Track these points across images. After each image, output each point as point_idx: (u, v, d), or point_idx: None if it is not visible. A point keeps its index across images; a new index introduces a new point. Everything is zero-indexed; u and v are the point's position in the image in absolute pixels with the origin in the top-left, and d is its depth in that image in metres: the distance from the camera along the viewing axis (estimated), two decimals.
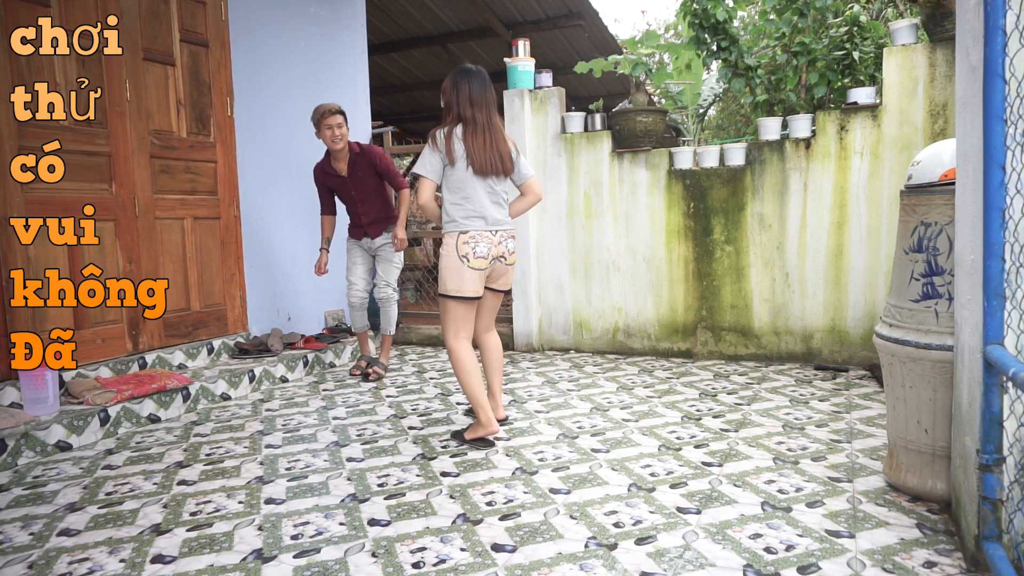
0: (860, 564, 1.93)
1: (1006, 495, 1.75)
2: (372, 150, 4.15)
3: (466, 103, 2.97)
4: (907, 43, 4.00)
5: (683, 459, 2.78)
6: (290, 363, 4.41)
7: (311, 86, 5.19)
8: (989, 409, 1.72)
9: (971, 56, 1.84)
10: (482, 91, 2.99)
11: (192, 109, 4.31)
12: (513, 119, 5.06)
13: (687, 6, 4.86)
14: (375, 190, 4.19)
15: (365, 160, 4.13)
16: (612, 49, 8.35)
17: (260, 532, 2.22)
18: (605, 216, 4.89)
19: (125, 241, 3.89)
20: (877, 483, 2.49)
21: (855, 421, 3.21)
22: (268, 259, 4.86)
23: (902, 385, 2.35)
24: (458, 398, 3.82)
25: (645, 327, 4.83)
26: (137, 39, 3.96)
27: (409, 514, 2.33)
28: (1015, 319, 1.71)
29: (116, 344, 3.85)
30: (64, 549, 2.14)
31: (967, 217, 1.90)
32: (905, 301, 2.36)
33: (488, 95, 3.01)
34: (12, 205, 3.33)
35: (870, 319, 4.21)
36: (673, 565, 1.95)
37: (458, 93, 2.98)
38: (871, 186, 4.14)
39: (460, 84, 2.98)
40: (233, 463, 2.88)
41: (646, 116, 4.69)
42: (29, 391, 3.12)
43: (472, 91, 2.97)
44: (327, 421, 3.46)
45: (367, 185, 4.17)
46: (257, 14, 4.76)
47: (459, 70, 3.02)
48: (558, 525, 2.22)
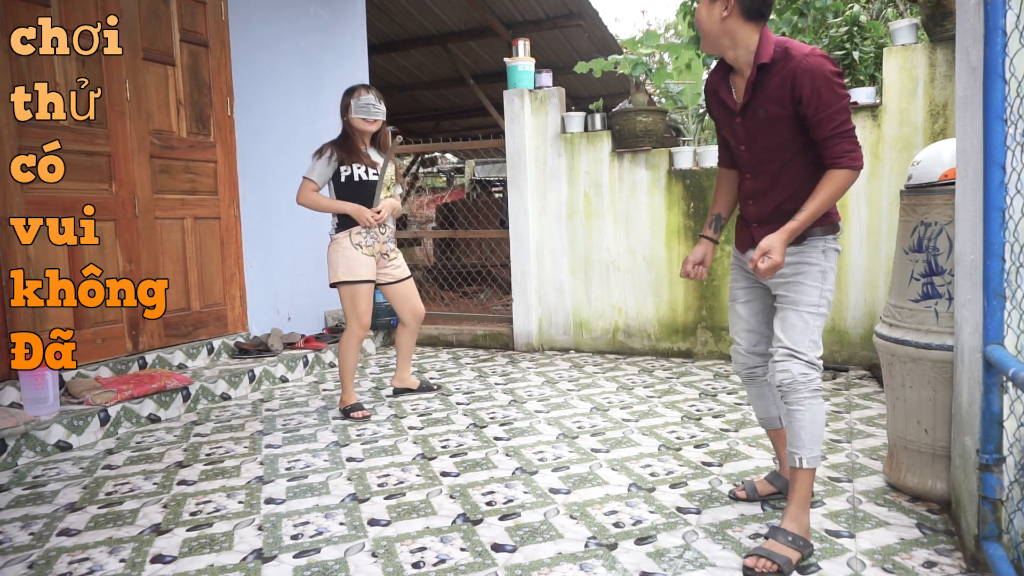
0: (860, 564, 1.93)
1: (1006, 495, 1.75)
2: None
3: None
4: (907, 43, 4.00)
5: (683, 459, 2.78)
6: (290, 363, 4.41)
7: (311, 86, 5.19)
8: (989, 409, 1.72)
9: (971, 56, 1.84)
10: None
11: (192, 109, 4.31)
12: (513, 119, 5.06)
13: (687, 6, 4.87)
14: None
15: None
16: (612, 49, 8.35)
17: (260, 532, 2.22)
18: (605, 216, 4.89)
19: (125, 241, 3.89)
20: (877, 483, 2.49)
21: (855, 421, 3.21)
22: (268, 259, 4.86)
23: (902, 385, 2.35)
24: (458, 398, 3.82)
25: (645, 327, 4.83)
26: (137, 39, 3.96)
27: (409, 514, 2.33)
28: (1015, 319, 1.71)
29: (116, 344, 3.85)
30: (64, 549, 2.14)
31: (967, 217, 1.90)
32: (905, 301, 2.36)
33: None
34: (12, 205, 3.33)
35: (870, 319, 4.21)
36: (673, 565, 1.95)
37: None
38: (871, 186, 4.14)
39: None
40: (233, 463, 2.88)
41: (646, 116, 4.69)
42: (29, 391, 3.12)
43: None
44: (327, 421, 3.46)
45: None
46: (257, 14, 4.76)
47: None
48: (558, 525, 2.22)
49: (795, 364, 1.99)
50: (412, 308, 3.69)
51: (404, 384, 3.89)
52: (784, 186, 2.02)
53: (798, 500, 2.02)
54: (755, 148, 2.05)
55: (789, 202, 2.00)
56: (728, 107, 2.09)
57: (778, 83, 1.93)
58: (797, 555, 1.92)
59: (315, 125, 5.18)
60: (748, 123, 2.03)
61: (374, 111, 3.43)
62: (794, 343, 1.99)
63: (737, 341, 2.26)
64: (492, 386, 4.07)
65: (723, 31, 1.97)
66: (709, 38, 2.02)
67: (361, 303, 3.43)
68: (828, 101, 1.88)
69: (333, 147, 3.44)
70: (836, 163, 1.92)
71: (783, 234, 1.94)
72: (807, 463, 2.00)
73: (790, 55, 1.92)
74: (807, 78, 1.88)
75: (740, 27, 1.95)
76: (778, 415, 2.28)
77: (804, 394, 1.99)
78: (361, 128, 3.45)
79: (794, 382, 1.98)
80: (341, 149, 3.43)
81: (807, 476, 2.02)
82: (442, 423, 3.36)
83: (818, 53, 1.91)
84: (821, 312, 2.02)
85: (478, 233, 6.05)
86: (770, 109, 1.96)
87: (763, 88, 1.96)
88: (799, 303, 2.01)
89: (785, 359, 2.00)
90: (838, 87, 1.90)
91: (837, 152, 1.91)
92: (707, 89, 2.18)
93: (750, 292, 2.22)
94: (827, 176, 1.93)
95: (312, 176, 3.42)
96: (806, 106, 1.90)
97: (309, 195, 3.44)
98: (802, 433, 2.00)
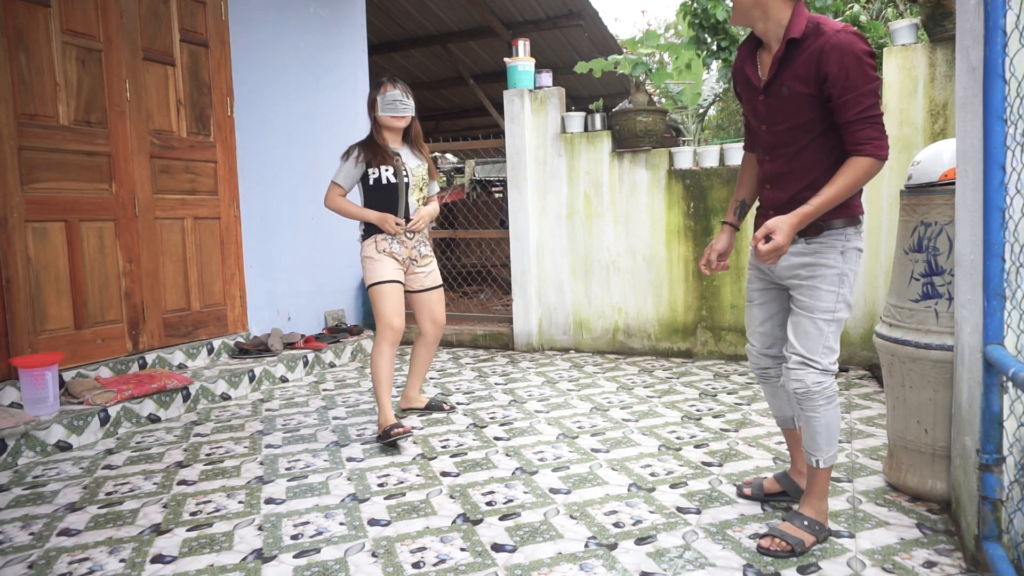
0: (860, 564, 1.93)
1: (1006, 495, 1.75)
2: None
3: None
4: (907, 43, 4.00)
5: (683, 459, 2.78)
6: (290, 363, 4.41)
7: (311, 86, 5.19)
8: (989, 409, 1.72)
9: (971, 56, 1.84)
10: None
11: (192, 109, 4.31)
12: (513, 119, 5.06)
13: (687, 6, 4.86)
14: None
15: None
16: (612, 49, 8.35)
17: (260, 532, 2.22)
18: (605, 216, 4.89)
19: (125, 241, 3.89)
20: (877, 483, 2.49)
21: (855, 421, 3.21)
22: (268, 259, 4.86)
23: (902, 385, 2.35)
24: (458, 398, 3.82)
25: (645, 327, 4.83)
26: (137, 39, 3.96)
27: (409, 514, 2.33)
28: (1015, 319, 1.71)
29: (116, 344, 3.85)
30: (64, 549, 2.14)
31: (967, 217, 1.90)
32: (905, 301, 2.36)
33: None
34: (12, 205, 3.33)
35: (870, 319, 4.21)
36: (673, 565, 1.95)
37: None
38: (871, 186, 4.13)
39: None
40: (233, 463, 2.88)
41: (646, 116, 4.69)
42: (29, 391, 3.12)
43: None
44: (327, 421, 3.46)
45: None
46: (257, 14, 4.76)
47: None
48: (558, 525, 2.22)
49: (809, 374, 1.94)
50: (433, 317, 3.41)
51: (411, 404, 3.57)
52: (801, 171, 1.92)
53: (817, 492, 2.05)
54: (775, 128, 1.95)
55: (808, 191, 1.89)
56: (752, 83, 1.99)
57: (805, 60, 1.82)
58: (812, 539, 1.94)
59: (315, 125, 5.18)
60: (771, 101, 1.93)
61: (402, 107, 3.22)
62: (808, 351, 1.94)
63: (751, 341, 2.22)
64: (492, 386, 4.07)
65: (756, 2, 1.88)
66: (740, 8, 1.92)
67: (387, 303, 3.15)
68: (856, 82, 1.76)
69: (360, 147, 3.24)
70: (859, 150, 1.80)
71: (793, 217, 1.83)
72: (824, 463, 2.03)
73: (821, 31, 1.81)
74: (835, 55, 1.77)
75: (775, 0, 1.87)
76: (792, 415, 2.25)
77: (819, 402, 1.97)
78: (389, 125, 3.23)
79: (808, 391, 1.95)
80: (367, 149, 3.22)
81: (825, 473, 2.05)
82: (442, 423, 3.36)
83: (851, 30, 1.79)
84: (838, 317, 1.94)
85: (478, 233, 6.05)
86: (794, 87, 1.86)
87: (790, 65, 1.86)
88: (814, 309, 1.93)
89: (799, 367, 1.95)
90: (869, 68, 1.77)
91: (861, 138, 1.79)
92: (734, 65, 2.09)
93: (766, 294, 2.14)
94: (848, 163, 1.81)
95: (339, 180, 3.22)
96: (831, 85, 1.78)
97: (335, 200, 3.24)
98: (818, 438, 2.01)
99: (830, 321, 1.93)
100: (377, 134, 3.26)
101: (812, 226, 1.91)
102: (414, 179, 3.27)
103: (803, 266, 1.95)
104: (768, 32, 1.91)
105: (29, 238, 3.40)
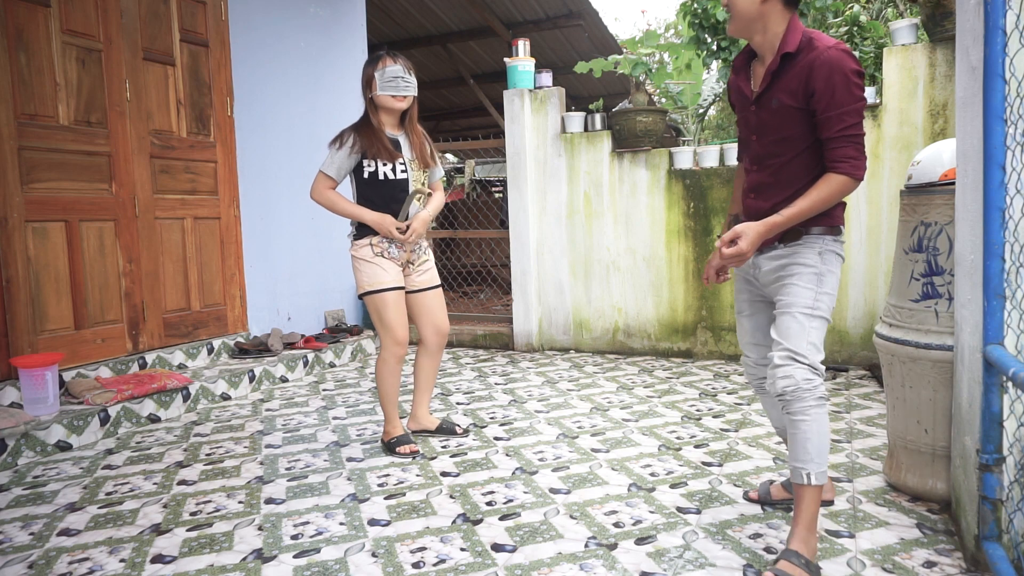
0: (860, 564, 1.93)
1: (1006, 495, 1.75)
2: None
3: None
4: (907, 43, 4.00)
5: (683, 459, 2.78)
6: (290, 363, 4.41)
7: (311, 86, 5.19)
8: (989, 409, 1.72)
9: (971, 56, 1.84)
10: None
11: (192, 109, 4.31)
12: (513, 119, 5.06)
13: (687, 6, 4.86)
14: None
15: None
16: (612, 49, 8.35)
17: (260, 532, 2.22)
18: (605, 216, 4.89)
19: (125, 241, 3.89)
20: (877, 483, 2.49)
21: (855, 421, 3.21)
22: (268, 259, 4.86)
23: (902, 385, 2.35)
24: (458, 398, 3.82)
25: (645, 327, 4.83)
26: (137, 39, 3.96)
27: (409, 514, 2.33)
28: (1015, 319, 1.71)
29: (116, 344, 3.85)
30: (64, 549, 2.14)
31: (967, 217, 1.90)
32: (905, 301, 2.36)
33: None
34: (12, 205, 3.33)
35: (870, 319, 4.21)
36: (673, 565, 1.95)
37: None
38: (871, 186, 4.14)
39: None
40: (233, 463, 2.88)
41: (646, 116, 4.69)
42: (29, 391, 3.12)
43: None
44: (327, 421, 3.46)
45: None
46: (257, 14, 4.76)
47: None
48: (558, 525, 2.22)
49: (798, 369, 1.85)
50: (435, 323, 3.05)
51: (421, 426, 3.17)
52: (785, 183, 1.93)
53: (805, 522, 1.86)
54: (764, 140, 1.96)
55: (789, 203, 1.89)
56: (744, 94, 2.00)
57: (796, 74, 1.84)
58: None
59: (315, 125, 5.18)
60: (762, 113, 1.94)
61: (404, 85, 2.82)
62: (793, 344, 1.86)
63: (746, 353, 2.20)
64: (492, 386, 4.07)
65: (759, 14, 1.88)
66: (742, 20, 1.92)
67: (389, 313, 2.85)
68: (840, 100, 1.78)
69: (354, 133, 2.85)
70: (835, 167, 1.81)
71: (761, 225, 1.83)
72: (815, 479, 1.85)
73: (813, 45, 1.82)
74: (824, 71, 1.78)
75: (776, 12, 1.87)
76: None
77: (809, 402, 1.85)
78: (389, 106, 2.83)
79: (798, 389, 1.84)
80: (363, 136, 2.84)
81: (815, 494, 1.86)
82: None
83: (842, 47, 1.80)
84: (818, 315, 1.88)
85: (478, 233, 6.05)
86: (784, 100, 1.87)
87: (782, 78, 1.88)
88: (792, 305, 1.89)
89: (786, 362, 1.86)
90: (855, 87, 1.78)
91: (839, 156, 1.80)
92: (729, 78, 2.09)
93: (754, 305, 2.13)
94: (824, 179, 1.82)
95: (329, 171, 2.86)
96: (817, 100, 1.80)
97: (324, 193, 2.88)
98: (808, 445, 1.85)
99: (811, 316, 1.88)
100: (373, 115, 2.88)
101: (791, 231, 1.92)
102: (414, 175, 2.92)
103: (782, 267, 1.95)
104: (764, 44, 1.93)
105: (29, 238, 3.40)
